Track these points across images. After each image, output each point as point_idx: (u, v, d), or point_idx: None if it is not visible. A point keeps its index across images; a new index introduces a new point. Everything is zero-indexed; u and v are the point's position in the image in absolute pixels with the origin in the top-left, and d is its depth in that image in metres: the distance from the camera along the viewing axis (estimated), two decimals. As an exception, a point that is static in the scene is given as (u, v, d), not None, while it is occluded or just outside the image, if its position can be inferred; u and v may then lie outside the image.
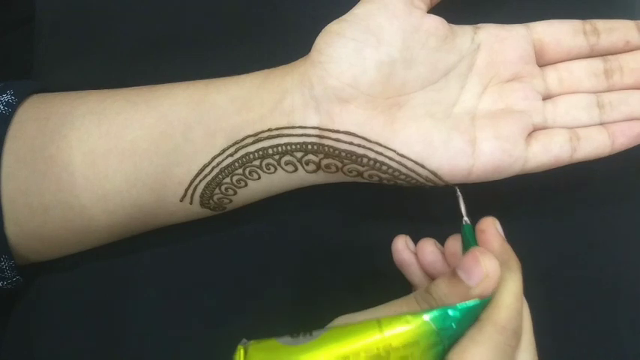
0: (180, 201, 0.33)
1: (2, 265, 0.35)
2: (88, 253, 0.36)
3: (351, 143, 0.31)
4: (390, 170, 0.31)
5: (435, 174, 0.31)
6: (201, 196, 0.33)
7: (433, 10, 0.34)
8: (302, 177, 0.33)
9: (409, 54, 0.32)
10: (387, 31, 0.31)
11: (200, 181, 0.33)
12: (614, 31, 0.34)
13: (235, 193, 0.34)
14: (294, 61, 0.33)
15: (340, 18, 0.32)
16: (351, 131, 0.31)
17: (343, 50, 0.31)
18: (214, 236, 0.37)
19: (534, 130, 0.33)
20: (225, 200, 0.34)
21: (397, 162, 0.31)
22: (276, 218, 0.36)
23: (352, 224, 0.37)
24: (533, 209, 0.37)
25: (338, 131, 0.31)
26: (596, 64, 0.34)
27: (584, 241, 0.37)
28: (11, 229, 0.34)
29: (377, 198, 0.36)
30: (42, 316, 0.37)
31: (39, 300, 0.37)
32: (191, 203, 0.34)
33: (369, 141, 0.31)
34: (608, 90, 0.34)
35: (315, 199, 0.36)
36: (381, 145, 0.31)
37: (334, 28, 0.32)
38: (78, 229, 0.34)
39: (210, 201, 0.34)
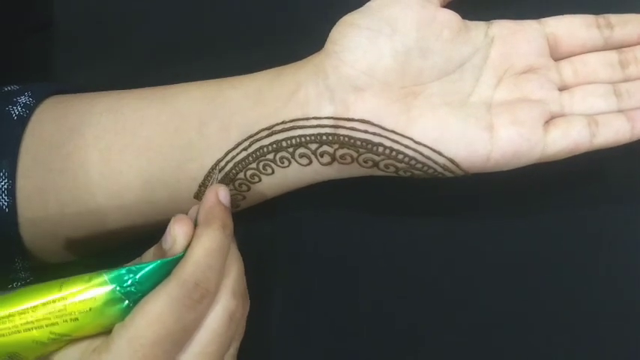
0: (194, 197, 0.33)
1: (16, 266, 0.35)
2: (104, 254, 0.36)
3: (366, 132, 0.31)
4: (407, 159, 0.31)
5: (452, 161, 0.31)
6: None
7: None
8: (316, 170, 0.33)
9: (424, 44, 0.32)
10: (401, 22, 0.32)
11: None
12: (627, 23, 0.34)
13: (249, 189, 0.33)
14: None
15: (354, 11, 0.33)
16: (367, 119, 0.31)
17: (357, 39, 0.31)
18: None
19: (552, 119, 0.32)
20: (239, 197, 0.34)
21: (413, 150, 0.31)
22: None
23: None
24: (539, 207, 0.36)
25: (353, 119, 0.31)
26: (611, 55, 0.34)
27: (594, 239, 0.36)
28: (26, 230, 0.34)
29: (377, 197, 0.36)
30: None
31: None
32: None
33: (385, 129, 0.31)
34: (624, 80, 0.33)
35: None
36: (397, 133, 0.31)
37: (348, 19, 0.32)
38: (92, 228, 0.34)
39: (224, 198, 0.33)
